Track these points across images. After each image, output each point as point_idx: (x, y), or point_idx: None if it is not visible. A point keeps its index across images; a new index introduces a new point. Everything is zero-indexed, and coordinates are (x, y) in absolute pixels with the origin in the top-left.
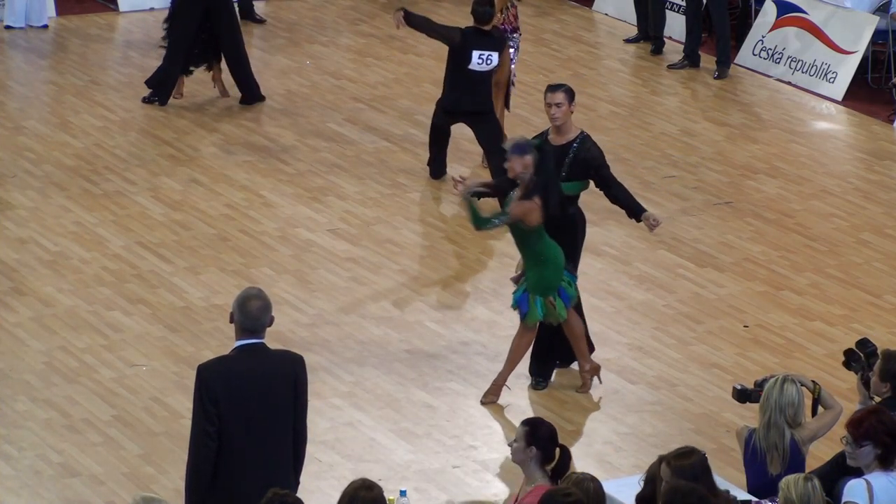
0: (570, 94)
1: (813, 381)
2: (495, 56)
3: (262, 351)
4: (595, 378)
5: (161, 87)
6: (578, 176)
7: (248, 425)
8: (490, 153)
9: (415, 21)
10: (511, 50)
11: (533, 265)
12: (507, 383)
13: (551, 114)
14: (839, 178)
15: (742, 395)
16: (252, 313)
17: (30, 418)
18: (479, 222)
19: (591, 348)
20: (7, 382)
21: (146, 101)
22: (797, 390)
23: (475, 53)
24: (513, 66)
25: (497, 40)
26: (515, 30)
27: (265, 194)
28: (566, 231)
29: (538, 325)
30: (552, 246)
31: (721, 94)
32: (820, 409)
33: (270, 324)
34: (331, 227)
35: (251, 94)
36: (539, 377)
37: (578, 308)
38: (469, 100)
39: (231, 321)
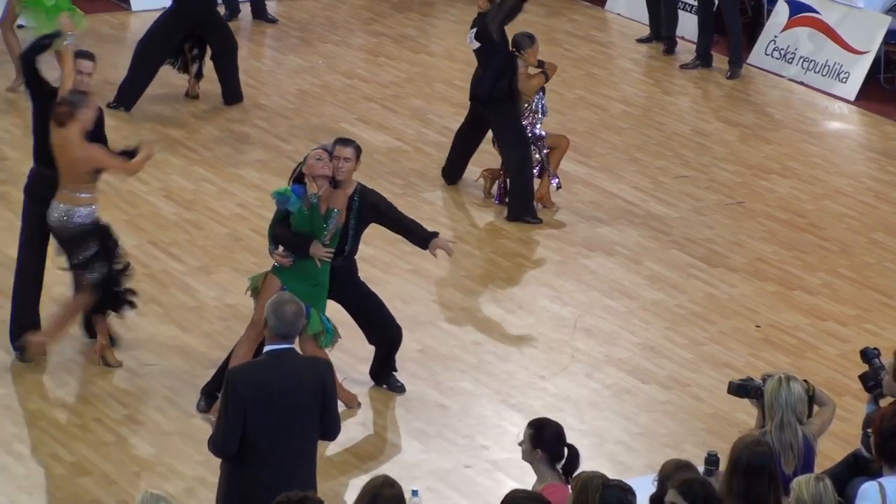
0: (359, 151)
1: (805, 381)
2: (472, 33)
3: (291, 356)
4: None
5: (126, 95)
6: (365, 224)
7: (274, 430)
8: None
9: None
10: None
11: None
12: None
13: (338, 167)
14: (852, 179)
15: (741, 391)
16: (287, 318)
17: (42, 417)
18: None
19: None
20: (19, 381)
21: (110, 106)
22: (801, 386)
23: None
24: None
25: (476, 19)
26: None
27: None
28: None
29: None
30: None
31: (733, 95)
32: (815, 407)
33: (302, 329)
34: None
35: (234, 95)
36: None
37: None
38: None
39: (264, 328)
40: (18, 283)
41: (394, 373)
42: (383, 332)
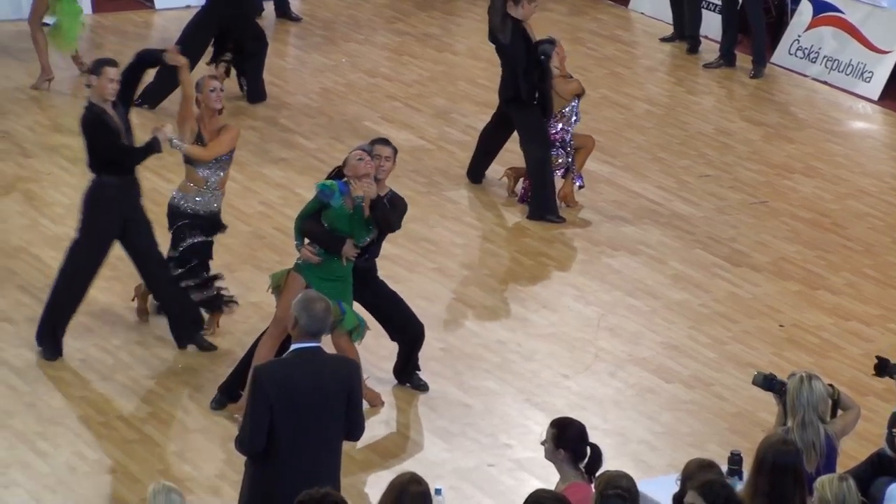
0: (396, 152)
1: (830, 385)
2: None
3: (318, 355)
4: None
5: (152, 94)
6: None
7: (299, 428)
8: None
9: None
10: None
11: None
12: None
13: (380, 166)
14: (875, 178)
15: (766, 383)
16: (318, 315)
17: (66, 415)
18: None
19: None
20: (43, 379)
21: (134, 104)
22: (823, 385)
23: None
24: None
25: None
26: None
27: (301, 192)
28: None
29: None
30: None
31: (757, 94)
32: (839, 411)
33: (337, 325)
34: None
35: (259, 94)
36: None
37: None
38: None
39: (294, 327)
40: (64, 289)
41: (417, 371)
42: (406, 330)
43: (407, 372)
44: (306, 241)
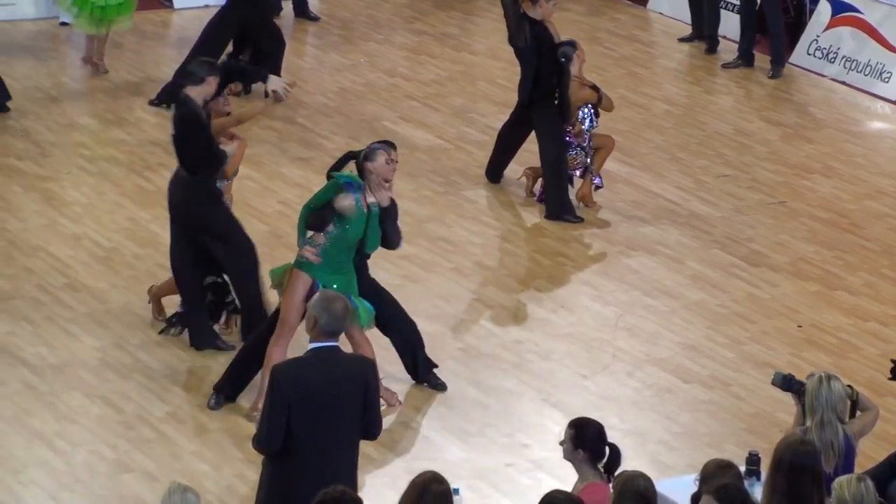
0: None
1: (849, 386)
2: None
3: (335, 354)
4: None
5: (170, 94)
6: None
7: (316, 427)
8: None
9: None
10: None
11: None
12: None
13: (393, 169)
14: (894, 179)
15: (785, 383)
16: (338, 314)
17: (83, 414)
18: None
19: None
20: (61, 378)
21: (151, 103)
22: (842, 385)
23: None
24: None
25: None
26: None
27: None
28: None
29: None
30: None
31: (775, 94)
32: (858, 412)
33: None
34: None
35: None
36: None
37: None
38: None
39: (313, 327)
40: (257, 292)
41: (434, 370)
42: (400, 330)
43: (423, 372)
44: (308, 234)
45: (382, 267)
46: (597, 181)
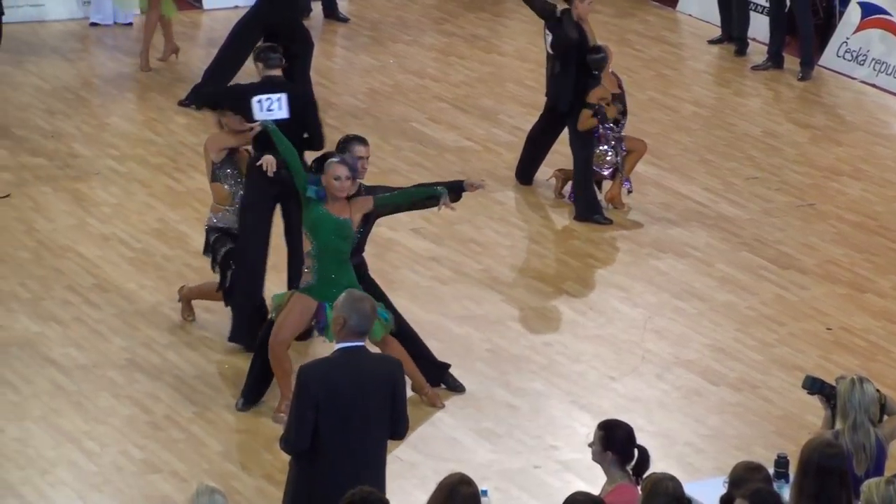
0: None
1: (877, 389)
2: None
3: (362, 354)
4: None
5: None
6: (373, 221)
7: (344, 427)
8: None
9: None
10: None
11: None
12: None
13: (363, 167)
14: None
15: (815, 386)
16: (367, 314)
17: (112, 414)
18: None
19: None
20: (90, 378)
21: (181, 104)
22: (874, 387)
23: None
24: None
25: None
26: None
27: None
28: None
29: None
30: None
31: (804, 96)
32: (885, 417)
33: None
34: (413, 227)
35: None
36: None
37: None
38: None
39: (342, 328)
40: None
41: (447, 370)
42: (400, 329)
43: (437, 373)
44: (305, 265)
45: (412, 269)
46: (626, 185)
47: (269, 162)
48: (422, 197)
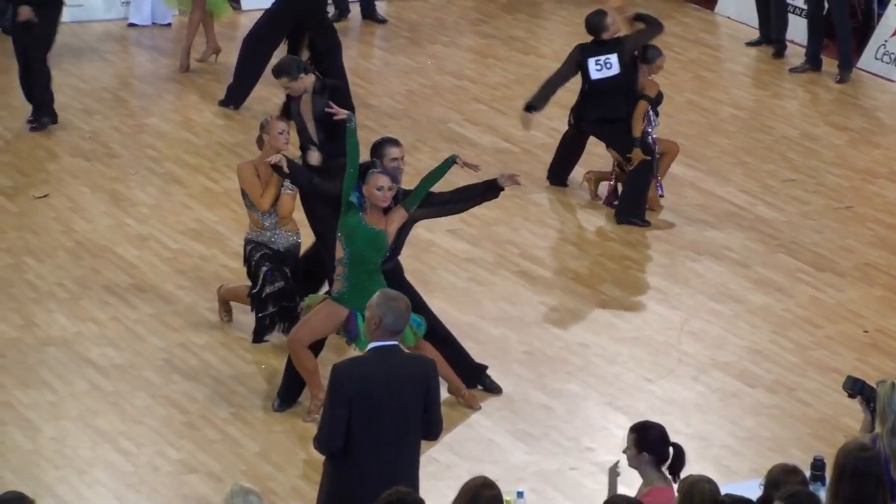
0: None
1: None
2: (613, 58)
3: (396, 353)
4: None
5: (234, 94)
6: (410, 226)
7: (377, 427)
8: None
9: (538, 104)
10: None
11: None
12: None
13: (399, 168)
14: None
15: (856, 387)
16: (402, 312)
17: (149, 414)
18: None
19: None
20: (126, 378)
21: (220, 104)
22: None
23: (591, 61)
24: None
25: (613, 44)
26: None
27: None
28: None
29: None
30: None
31: (842, 99)
32: None
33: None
34: (450, 228)
35: None
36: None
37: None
38: (595, 109)
39: (377, 326)
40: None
41: (485, 371)
42: (436, 331)
43: (474, 374)
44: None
45: (448, 269)
46: (658, 190)
47: (280, 160)
48: (437, 175)
